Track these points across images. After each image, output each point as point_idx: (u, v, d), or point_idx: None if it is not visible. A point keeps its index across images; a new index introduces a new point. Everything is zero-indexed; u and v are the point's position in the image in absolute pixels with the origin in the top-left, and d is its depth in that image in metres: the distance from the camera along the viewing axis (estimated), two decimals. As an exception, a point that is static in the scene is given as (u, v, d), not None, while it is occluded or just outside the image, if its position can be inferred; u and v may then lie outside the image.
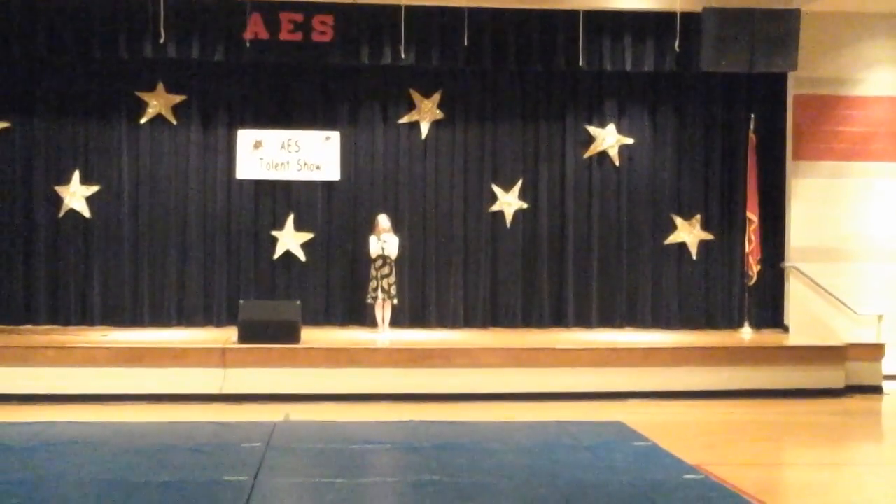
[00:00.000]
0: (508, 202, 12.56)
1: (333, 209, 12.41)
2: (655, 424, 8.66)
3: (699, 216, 12.71)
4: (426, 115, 12.49)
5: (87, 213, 12.10)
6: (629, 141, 12.67)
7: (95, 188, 12.12)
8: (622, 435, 8.08)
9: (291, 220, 12.29)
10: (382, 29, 11.61)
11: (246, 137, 12.11)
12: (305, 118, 12.30)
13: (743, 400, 10.32)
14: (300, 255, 12.30)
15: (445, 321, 12.41)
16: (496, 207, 12.57)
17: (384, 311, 11.39)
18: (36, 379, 9.81)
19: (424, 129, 12.49)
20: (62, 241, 12.09)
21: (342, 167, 12.23)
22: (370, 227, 11.58)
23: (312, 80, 12.36)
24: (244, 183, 12.26)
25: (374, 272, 11.27)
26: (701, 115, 12.73)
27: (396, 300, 11.46)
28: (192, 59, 11.66)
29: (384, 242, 11.24)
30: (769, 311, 12.58)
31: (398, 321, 11.87)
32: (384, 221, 11.38)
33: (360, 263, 11.99)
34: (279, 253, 12.28)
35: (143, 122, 12.17)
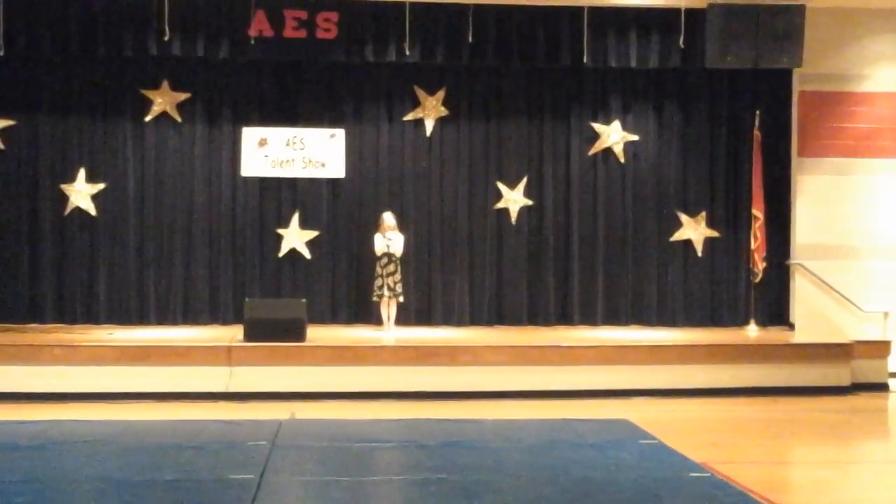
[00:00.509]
0: (513, 199, 12.55)
1: (339, 207, 12.41)
2: (661, 422, 8.64)
3: (704, 213, 12.68)
4: (431, 112, 12.48)
5: (92, 211, 12.11)
6: (634, 138, 12.66)
7: (101, 186, 12.13)
8: (628, 433, 8.06)
9: (297, 217, 12.29)
10: (387, 26, 11.62)
11: (251, 135, 12.10)
12: (310, 116, 12.29)
13: (749, 397, 10.29)
14: (305, 252, 12.30)
15: (451, 319, 12.40)
16: (501, 205, 12.56)
17: (389, 309, 11.40)
18: (42, 377, 9.83)
19: (429, 126, 12.48)
20: (68, 239, 12.10)
21: (347, 164, 12.22)
22: (375, 224, 11.58)
23: (317, 77, 12.35)
24: (249, 180, 12.26)
25: (379, 270, 11.28)
26: (706, 111, 12.70)
27: (402, 298, 11.47)
28: (196, 56, 11.68)
29: (389, 240, 11.26)
30: (775, 308, 12.55)
31: (403, 319, 11.86)
32: (389, 219, 11.39)
33: (365, 261, 11.97)
34: (284, 251, 12.28)
35: (147, 119, 12.17)
